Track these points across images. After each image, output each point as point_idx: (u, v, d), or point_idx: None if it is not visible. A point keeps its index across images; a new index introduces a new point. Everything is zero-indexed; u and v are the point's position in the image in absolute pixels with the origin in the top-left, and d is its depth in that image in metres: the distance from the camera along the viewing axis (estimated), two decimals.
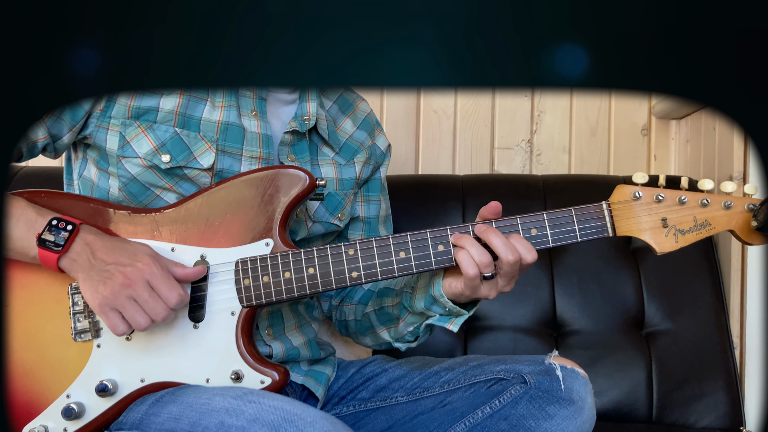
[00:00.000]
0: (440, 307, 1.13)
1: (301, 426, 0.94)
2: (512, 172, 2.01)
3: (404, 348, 1.24)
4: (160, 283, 1.06)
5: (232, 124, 1.19)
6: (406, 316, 1.19)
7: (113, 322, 1.06)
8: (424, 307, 1.14)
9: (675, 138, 2.01)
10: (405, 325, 1.20)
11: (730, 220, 1.06)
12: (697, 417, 1.59)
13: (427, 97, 2.02)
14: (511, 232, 1.08)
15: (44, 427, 1.09)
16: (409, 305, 1.17)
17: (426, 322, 1.16)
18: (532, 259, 1.06)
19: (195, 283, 1.12)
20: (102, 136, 1.17)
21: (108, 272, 1.05)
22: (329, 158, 1.29)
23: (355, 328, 1.32)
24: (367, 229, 1.37)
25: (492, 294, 1.08)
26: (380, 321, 1.25)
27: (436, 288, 1.11)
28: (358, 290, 1.34)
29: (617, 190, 1.08)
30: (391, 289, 1.25)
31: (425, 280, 1.15)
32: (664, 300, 1.67)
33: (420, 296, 1.15)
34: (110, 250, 1.07)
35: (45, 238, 1.07)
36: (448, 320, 1.13)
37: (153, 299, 1.05)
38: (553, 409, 1.11)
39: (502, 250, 1.05)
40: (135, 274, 1.05)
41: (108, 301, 1.05)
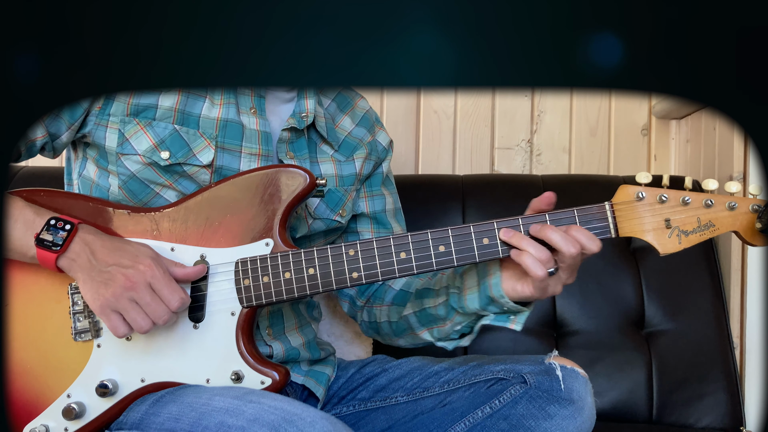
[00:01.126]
0: (497, 307, 1.11)
1: (301, 426, 0.94)
2: (512, 172, 2.01)
3: (452, 347, 1.21)
4: (162, 286, 1.05)
5: (231, 121, 1.19)
6: (454, 317, 1.17)
7: (114, 324, 1.06)
8: (479, 308, 1.12)
9: (675, 138, 2.01)
10: (452, 325, 1.17)
11: (734, 221, 1.05)
12: (697, 417, 1.59)
13: (427, 97, 2.02)
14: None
15: (45, 426, 1.09)
16: (459, 306, 1.15)
17: (481, 322, 1.14)
18: (596, 247, 1.04)
19: (195, 284, 1.12)
20: (101, 134, 1.17)
21: (109, 273, 1.05)
22: (328, 155, 1.29)
23: (389, 330, 1.29)
24: (376, 224, 1.36)
25: (558, 289, 1.07)
26: (421, 322, 1.23)
27: (495, 290, 1.09)
28: (388, 290, 1.31)
29: (620, 191, 1.08)
30: (430, 290, 1.22)
31: (473, 279, 1.13)
32: (664, 300, 1.67)
33: (472, 297, 1.13)
34: (110, 251, 1.07)
35: (43, 238, 1.06)
36: (506, 319, 1.12)
37: (155, 302, 1.05)
38: (553, 409, 1.11)
39: (562, 244, 1.03)
40: (137, 277, 1.04)
41: (109, 303, 1.05)
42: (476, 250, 1.07)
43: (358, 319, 1.37)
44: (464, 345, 1.19)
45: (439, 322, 1.20)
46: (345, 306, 1.38)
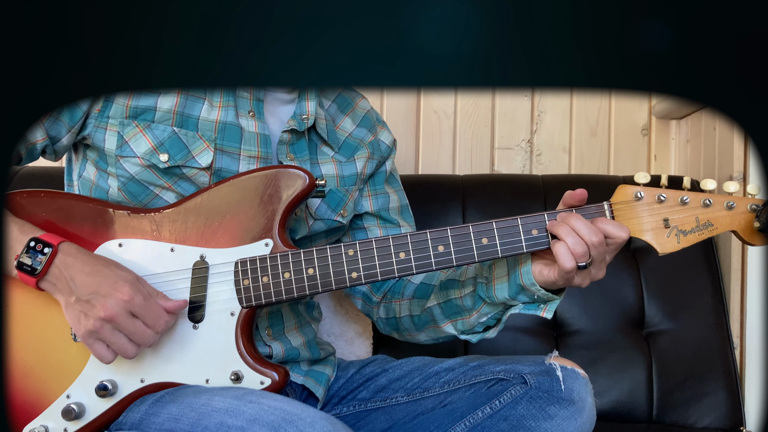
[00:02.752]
0: (527, 296, 1.11)
1: (301, 426, 0.94)
2: (512, 172, 2.01)
3: (475, 339, 1.21)
4: (145, 312, 1.05)
5: (230, 123, 1.18)
6: (481, 307, 1.16)
7: (99, 353, 1.06)
8: (509, 297, 1.12)
9: (675, 138, 2.01)
10: (478, 316, 1.17)
11: (732, 221, 1.05)
12: (697, 417, 1.59)
13: (427, 97, 2.02)
14: (513, 232, 1.07)
15: (44, 427, 1.09)
16: (487, 296, 1.15)
17: (510, 312, 1.14)
18: (626, 234, 1.03)
19: (194, 284, 1.12)
20: (100, 136, 1.17)
21: (89, 303, 1.04)
22: (329, 156, 1.29)
23: (410, 325, 1.29)
24: (382, 221, 1.35)
25: (585, 282, 1.06)
26: (445, 314, 1.22)
27: (526, 278, 1.08)
28: (408, 285, 1.31)
29: (619, 190, 1.08)
30: (455, 281, 1.22)
31: (503, 269, 1.13)
32: (664, 300, 1.67)
33: (501, 286, 1.13)
34: (89, 276, 1.05)
35: (23, 262, 1.06)
36: (537, 307, 1.12)
37: (138, 329, 1.05)
38: (554, 410, 1.11)
39: (585, 232, 1.02)
40: (116, 307, 1.03)
41: (92, 334, 1.05)
42: (475, 250, 1.07)
43: (374, 316, 1.36)
44: (490, 337, 1.19)
45: (465, 314, 1.19)
46: (358, 303, 1.37)
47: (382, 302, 1.33)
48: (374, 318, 1.37)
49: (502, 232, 1.08)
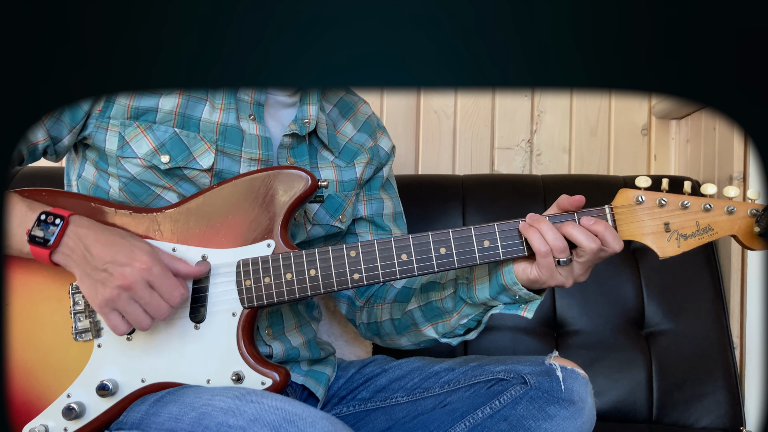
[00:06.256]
0: (508, 296, 1.11)
1: (302, 426, 0.94)
2: (512, 172, 2.01)
3: (456, 342, 1.21)
4: (161, 283, 1.05)
5: (231, 126, 1.18)
6: (462, 308, 1.17)
7: (114, 323, 1.06)
8: (489, 297, 1.12)
9: (675, 138, 2.01)
10: (459, 318, 1.17)
11: (732, 226, 1.06)
12: (697, 417, 1.59)
13: (427, 97, 2.02)
14: (514, 234, 1.08)
15: (44, 426, 1.09)
16: (468, 297, 1.15)
17: (491, 312, 1.14)
18: (619, 247, 1.04)
19: (196, 284, 1.12)
20: (101, 137, 1.17)
21: (106, 272, 1.04)
22: (329, 161, 1.29)
23: (391, 329, 1.29)
24: (374, 227, 1.36)
25: (569, 282, 1.07)
26: (426, 317, 1.23)
27: (508, 277, 1.09)
28: (390, 289, 1.31)
29: (620, 194, 1.08)
30: (436, 283, 1.22)
31: (484, 269, 1.13)
32: (664, 300, 1.67)
33: (482, 286, 1.13)
34: (105, 246, 1.05)
35: (35, 234, 1.05)
36: (517, 307, 1.12)
37: (154, 299, 1.05)
38: (553, 410, 1.11)
39: (582, 238, 1.03)
40: (134, 275, 1.04)
41: (108, 303, 1.05)
42: (477, 252, 1.07)
43: (356, 321, 1.36)
44: (470, 339, 1.20)
45: (445, 316, 1.20)
46: (343, 308, 1.38)
47: (365, 307, 1.34)
48: (357, 323, 1.37)
49: (503, 234, 1.08)
